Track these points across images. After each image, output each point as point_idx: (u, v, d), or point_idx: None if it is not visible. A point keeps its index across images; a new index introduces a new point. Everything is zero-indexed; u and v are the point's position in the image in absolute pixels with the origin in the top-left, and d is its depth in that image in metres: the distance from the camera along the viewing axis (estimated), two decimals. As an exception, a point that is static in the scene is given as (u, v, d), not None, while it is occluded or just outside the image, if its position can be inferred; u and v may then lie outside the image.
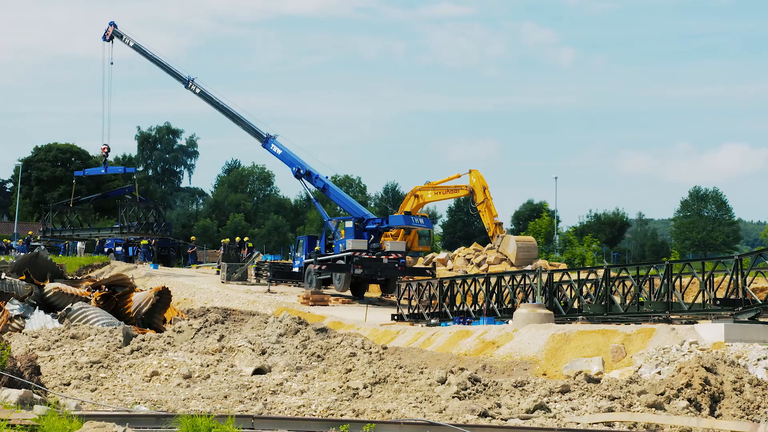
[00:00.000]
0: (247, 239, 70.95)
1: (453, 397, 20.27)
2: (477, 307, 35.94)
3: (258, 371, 24.01)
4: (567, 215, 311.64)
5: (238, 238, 69.64)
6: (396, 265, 51.51)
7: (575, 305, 32.86)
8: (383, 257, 51.51)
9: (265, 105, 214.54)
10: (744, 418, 19.03)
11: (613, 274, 32.68)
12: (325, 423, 17.10)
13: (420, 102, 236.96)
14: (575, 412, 19.47)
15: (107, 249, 75.70)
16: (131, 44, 65.85)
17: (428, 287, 38.53)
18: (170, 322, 35.91)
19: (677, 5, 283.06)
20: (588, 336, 27.18)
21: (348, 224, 53.63)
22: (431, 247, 63.81)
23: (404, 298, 39.97)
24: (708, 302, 28.53)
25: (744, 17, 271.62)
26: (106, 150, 70.44)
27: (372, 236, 53.03)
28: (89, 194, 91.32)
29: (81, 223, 77.68)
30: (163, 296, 37.54)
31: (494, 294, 35.48)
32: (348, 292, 52.75)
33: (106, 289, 37.54)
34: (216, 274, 64.97)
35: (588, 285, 33.98)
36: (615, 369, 25.43)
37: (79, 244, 76.55)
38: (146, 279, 59.66)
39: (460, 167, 63.57)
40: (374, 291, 55.09)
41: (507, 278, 35.94)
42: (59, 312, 34.54)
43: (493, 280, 36.06)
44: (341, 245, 52.74)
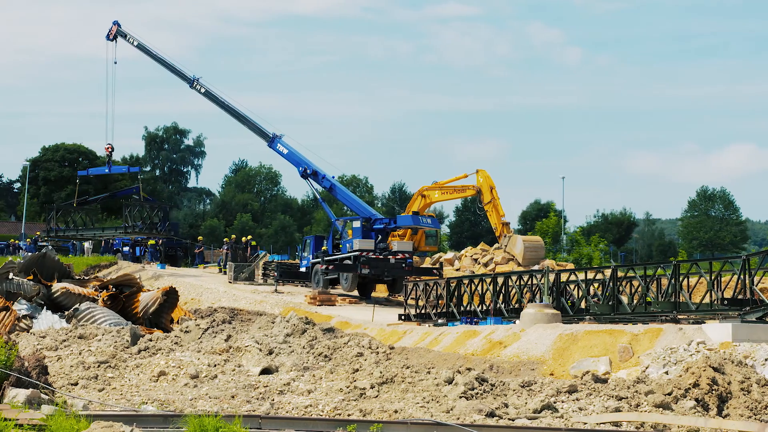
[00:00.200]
0: (250, 238, 70.97)
1: (460, 397, 20.26)
2: (484, 307, 35.91)
3: (265, 371, 24.03)
4: (574, 215, 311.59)
5: (244, 238, 69.66)
6: (403, 265, 51.49)
7: (582, 305, 32.83)
8: (390, 257, 51.49)
9: (271, 105, 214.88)
10: (752, 418, 19.00)
11: (621, 274, 32.65)
12: (333, 423, 17.10)
13: (426, 102, 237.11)
14: (582, 412, 19.46)
15: (115, 249, 75.82)
16: (135, 44, 65.79)
17: (435, 287, 38.51)
18: (177, 322, 35.94)
19: (684, 5, 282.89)
20: (595, 336, 27.15)
21: (356, 224, 53.60)
22: (438, 247, 63.72)
23: (411, 298, 39.94)
24: (715, 302, 28.49)
25: (747, 17, 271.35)
26: (110, 149, 70.55)
27: (379, 236, 53.00)
28: (96, 194, 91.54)
29: (85, 223, 77.79)
30: (171, 296, 37.62)
31: (501, 294, 35.45)
32: (355, 292, 52.71)
33: (114, 289, 37.62)
34: (218, 273, 64.97)
35: (595, 285, 33.94)
36: (622, 369, 25.39)
37: (86, 244, 76.68)
38: (153, 279, 59.76)
39: (467, 167, 63.61)
40: (381, 291, 55.07)
41: (514, 278, 35.91)
42: (67, 312, 34.61)
43: (501, 280, 36.04)
44: (348, 245, 52.70)
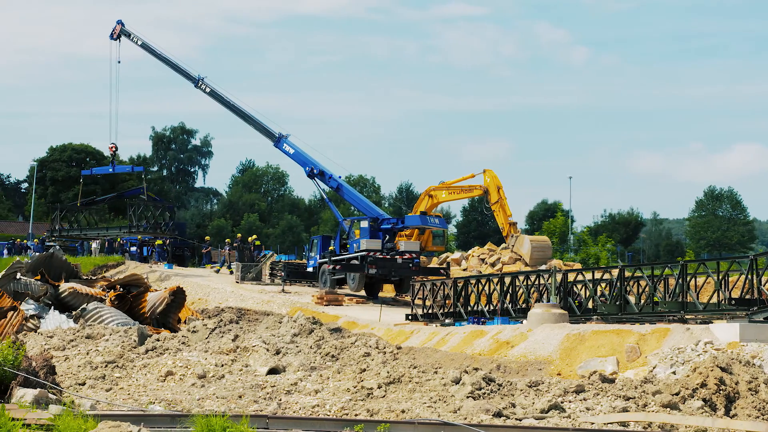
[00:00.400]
0: (255, 237, 71.05)
1: (467, 397, 20.25)
2: (491, 307, 35.91)
3: (272, 371, 24.03)
4: (581, 215, 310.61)
5: (251, 238, 69.72)
6: (410, 265, 51.50)
7: (590, 305, 32.81)
8: (397, 257, 51.51)
9: (277, 105, 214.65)
10: (759, 419, 18.97)
11: (628, 274, 32.62)
12: (340, 423, 17.09)
13: (433, 102, 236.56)
14: (590, 412, 19.45)
15: (123, 248, 75.95)
16: (139, 43, 65.78)
17: (442, 287, 38.51)
18: (185, 322, 35.98)
19: (691, 4, 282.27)
20: (602, 336, 27.12)
21: (363, 224, 53.63)
22: (445, 247, 63.69)
23: (418, 298, 39.93)
24: (723, 302, 28.46)
25: (751, 17, 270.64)
26: (114, 149, 70.67)
27: (387, 236, 53.02)
28: (104, 194, 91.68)
29: (89, 223, 77.93)
30: (178, 296, 37.66)
31: (509, 294, 35.44)
32: (362, 292, 52.75)
33: (121, 289, 37.69)
34: (220, 271, 64.95)
35: (602, 285, 33.92)
36: (630, 369, 25.37)
37: (94, 244, 76.88)
38: (161, 279, 59.84)
39: (474, 167, 63.58)
40: (388, 291, 55.08)
41: (521, 278, 35.91)
42: (74, 312, 34.68)
43: (508, 280, 36.03)
44: (356, 245, 52.73)
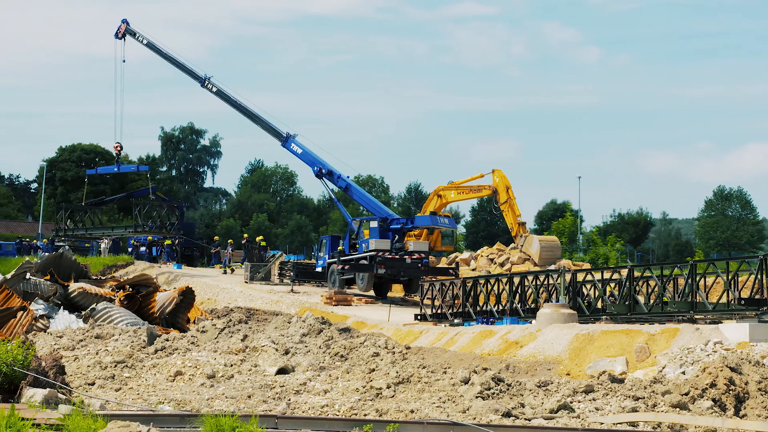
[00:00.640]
0: (262, 238, 70.99)
1: (476, 397, 20.24)
2: (500, 307, 35.88)
3: (281, 371, 24.05)
4: (590, 215, 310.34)
5: (257, 239, 69.73)
6: (419, 265, 51.48)
7: (599, 305, 32.76)
8: (406, 257, 51.49)
9: (287, 104, 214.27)
10: (769, 419, 18.92)
11: (637, 274, 32.56)
12: (349, 423, 17.09)
13: (442, 102, 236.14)
14: (599, 412, 19.42)
15: (132, 248, 76.04)
16: (144, 42, 65.69)
17: (451, 287, 38.48)
18: (194, 322, 36.05)
19: (697, 4, 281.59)
20: (612, 336, 27.09)
21: (373, 224, 53.61)
22: (454, 247, 63.68)
23: (427, 298, 39.92)
24: (732, 302, 28.39)
25: (756, 16, 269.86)
26: (119, 148, 70.81)
27: (396, 236, 53.00)
28: (113, 194, 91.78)
29: (93, 223, 78.02)
30: (187, 296, 37.73)
31: (517, 294, 35.41)
32: (371, 292, 52.73)
33: (130, 289, 37.76)
34: (223, 273, 64.94)
35: (612, 285, 33.87)
36: (639, 369, 25.33)
37: (103, 244, 77.02)
38: (170, 279, 59.91)
39: (483, 167, 63.29)
40: (397, 291, 55.06)
41: (530, 278, 35.88)
42: (84, 312, 34.77)
43: (517, 280, 35.99)
44: (365, 245, 52.72)
